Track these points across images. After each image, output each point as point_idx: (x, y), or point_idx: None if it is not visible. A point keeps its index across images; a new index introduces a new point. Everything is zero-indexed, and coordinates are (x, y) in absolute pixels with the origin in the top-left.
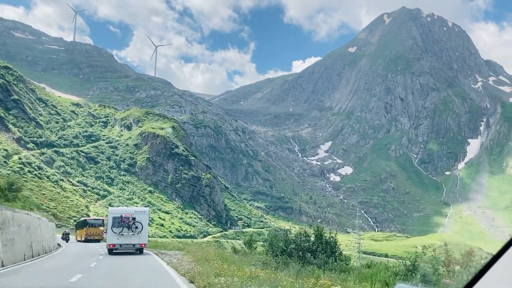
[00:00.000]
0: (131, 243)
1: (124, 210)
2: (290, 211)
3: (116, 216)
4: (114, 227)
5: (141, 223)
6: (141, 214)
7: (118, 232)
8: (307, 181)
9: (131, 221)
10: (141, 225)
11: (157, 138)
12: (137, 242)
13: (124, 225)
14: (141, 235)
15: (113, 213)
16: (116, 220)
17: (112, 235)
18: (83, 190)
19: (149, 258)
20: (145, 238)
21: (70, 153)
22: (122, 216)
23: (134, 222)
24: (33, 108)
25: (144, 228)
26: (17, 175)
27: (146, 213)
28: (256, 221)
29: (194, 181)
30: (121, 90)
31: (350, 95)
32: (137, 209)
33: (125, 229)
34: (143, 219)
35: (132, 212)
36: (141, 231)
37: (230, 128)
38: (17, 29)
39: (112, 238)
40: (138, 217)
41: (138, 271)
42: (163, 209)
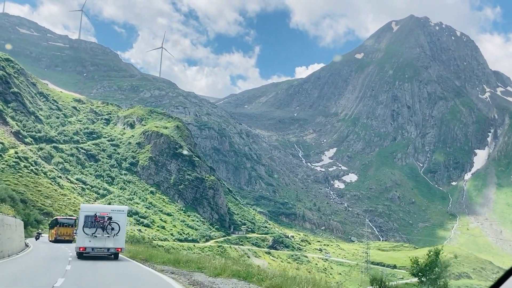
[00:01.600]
0: (105, 247)
1: (98, 208)
2: (293, 217)
3: (89, 214)
4: (86, 227)
5: (118, 223)
6: (119, 214)
7: (91, 233)
8: (311, 187)
9: (107, 221)
10: (118, 226)
11: (161, 137)
12: (112, 246)
13: (98, 226)
14: (117, 238)
15: (86, 211)
16: (88, 219)
17: (83, 237)
18: (81, 188)
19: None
20: (122, 241)
21: (69, 150)
22: (96, 215)
23: (110, 223)
24: (33, 102)
25: (121, 229)
26: (12, 170)
27: (125, 213)
28: (260, 227)
29: (198, 183)
30: (125, 89)
31: (356, 101)
32: (114, 208)
33: (99, 230)
34: (120, 219)
35: (108, 211)
36: (118, 233)
37: (234, 131)
38: (23, 25)
39: (83, 240)
40: (115, 216)
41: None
42: (164, 211)
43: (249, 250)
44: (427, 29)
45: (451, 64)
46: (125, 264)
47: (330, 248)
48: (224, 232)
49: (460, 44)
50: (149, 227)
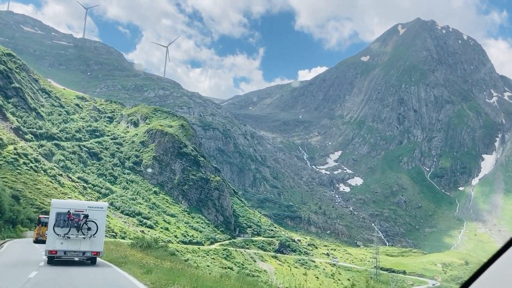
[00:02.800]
0: (80, 250)
1: (73, 204)
2: (298, 220)
3: (61, 211)
4: (57, 226)
5: (95, 222)
6: (97, 211)
7: (63, 234)
8: (315, 190)
9: (82, 219)
10: (95, 226)
11: (165, 136)
12: (88, 248)
13: (72, 225)
14: (94, 239)
15: (57, 207)
16: (60, 217)
17: (54, 238)
18: (83, 187)
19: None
20: (100, 244)
21: (71, 147)
22: (69, 212)
23: (87, 221)
24: (34, 98)
25: (99, 229)
26: (11, 166)
27: (104, 210)
28: (266, 230)
29: (202, 183)
30: (129, 89)
31: (362, 104)
32: (92, 204)
33: (73, 230)
34: (99, 217)
35: (84, 208)
36: (96, 234)
37: (238, 132)
38: (27, 23)
39: (54, 241)
40: (92, 214)
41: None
42: (168, 212)
43: (255, 254)
44: (434, 32)
45: (458, 68)
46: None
47: (337, 253)
48: (229, 234)
49: (467, 48)
50: (152, 228)
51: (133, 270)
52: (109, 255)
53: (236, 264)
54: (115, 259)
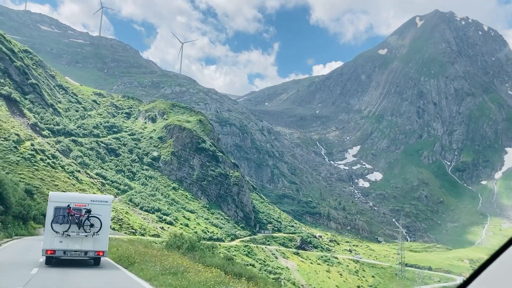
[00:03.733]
0: (82, 249)
1: (73, 197)
2: (317, 216)
3: (60, 205)
4: (56, 223)
5: (99, 218)
6: (101, 205)
7: (62, 231)
8: (334, 186)
9: (84, 214)
10: (99, 222)
11: (183, 131)
12: (91, 248)
13: (72, 221)
14: (98, 237)
15: (56, 201)
16: (59, 212)
17: (52, 236)
18: (101, 183)
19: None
20: (104, 242)
21: (89, 143)
22: (70, 207)
23: (89, 217)
24: (51, 94)
25: (103, 226)
26: (28, 163)
27: (109, 204)
28: (287, 226)
29: (221, 179)
30: (145, 86)
31: (380, 98)
32: (95, 197)
33: (73, 227)
34: (103, 212)
35: (86, 201)
36: (99, 231)
37: (255, 127)
38: (44, 22)
39: (52, 240)
40: (95, 209)
41: None
42: (187, 208)
43: (276, 251)
44: (453, 24)
45: (478, 60)
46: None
47: (360, 249)
48: (249, 231)
49: (488, 39)
50: (172, 225)
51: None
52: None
53: (257, 261)
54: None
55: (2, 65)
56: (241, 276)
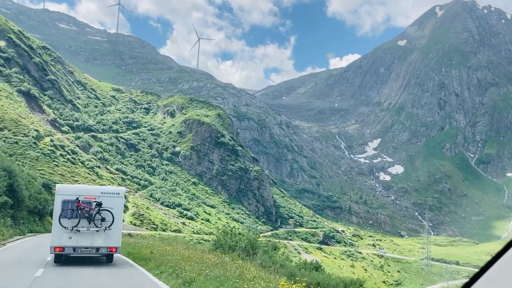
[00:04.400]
0: (92, 246)
1: (82, 189)
2: (338, 211)
3: (68, 199)
4: (64, 217)
5: (111, 212)
6: (112, 197)
7: (71, 226)
8: (355, 179)
9: (95, 208)
10: (111, 216)
11: (202, 126)
12: (102, 244)
13: (82, 215)
14: (110, 232)
15: (63, 194)
16: (68, 206)
17: (60, 232)
18: (121, 178)
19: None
20: (117, 237)
21: (108, 139)
22: (78, 200)
23: (100, 211)
24: (70, 90)
25: (116, 220)
26: (47, 158)
27: (121, 196)
28: (309, 220)
29: (241, 173)
30: (163, 82)
31: (400, 90)
32: (106, 189)
33: (83, 222)
34: (115, 205)
35: (96, 194)
36: (111, 225)
37: (274, 122)
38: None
39: (60, 236)
40: (106, 201)
41: None
42: (208, 203)
43: (299, 246)
44: (475, 12)
45: (502, 49)
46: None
47: (384, 244)
48: (271, 226)
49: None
50: (193, 220)
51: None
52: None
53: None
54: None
55: (21, 62)
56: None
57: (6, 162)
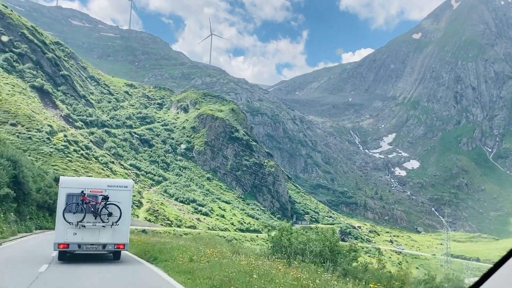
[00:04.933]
0: (99, 242)
1: (88, 182)
2: (354, 206)
3: (72, 192)
4: (68, 212)
5: (118, 206)
6: (120, 191)
7: (76, 221)
8: (370, 175)
9: (101, 202)
10: (118, 210)
11: (216, 121)
12: (110, 240)
13: (87, 210)
14: (117, 228)
15: (68, 187)
16: (72, 200)
17: (65, 227)
18: (135, 174)
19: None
20: (125, 233)
21: (122, 134)
22: (84, 193)
23: (106, 205)
24: (83, 85)
25: (123, 215)
26: (61, 154)
27: (129, 190)
28: (325, 216)
29: (256, 169)
30: (176, 77)
31: (416, 84)
32: (113, 182)
33: (88, 217)
34: (122, 199)
35: (103, 187)
36: (119, 220)
37: (287, 117)
38: (75, 17)
39: (64, 232)
40: (113, 195)
41: None
42: (222, 198)
43: None
44: (491, 4)
45: None
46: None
47: (401, 240)
48: (286, 222)
49: None
50: (207, 216)
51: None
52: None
53: None
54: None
55: (34, 57)
56: None
57: (11, 151)
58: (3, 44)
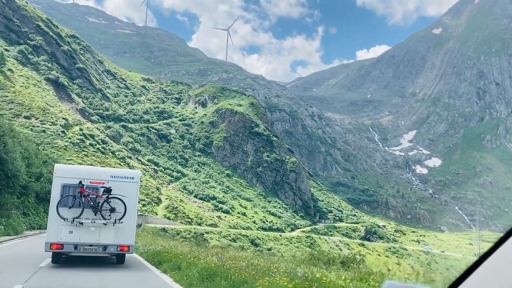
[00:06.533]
0: (99, 243)
1: (87, 171)
2: (375, 205)
3: (69, 183)
4: (63, 206)
5: (122, 201)
6: (125, 182)
7: (72, 217)
8: (390, 173)
9: (102, 195)
10: (122, 206)
11: (235, 115)
12: (112, 241)
13: (86, 204)
14: (121, 226)
15: (64, 176)
16: (68, 192)
17: (58, 224)
18: (153, 170)
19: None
20: (130, 233)
21: (139, 129)
22: (82, 185)
23: (109, 198)
24: (100, 79)
25: (129, 211)
26: (76, 148)
27: (136, 182)
28: (348, 215)
29: (277, 165)
30: (192, 74)
31: (436, 80)
32: (116, 172)
33: (87, 212)
34: (128, 192)
35: (105, 178)
36: (123, 217)
37: (306, 113)
38: (91, 14)
39: (59, 230)
40: (117, 187)
41: None
42: (243, 196)
43: (340, 242)
44: None
45: None
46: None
47: (428, 239)
48: (309, 220)
49: None
50: (228, 214)
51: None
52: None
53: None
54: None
55: (49, 49)
56: None
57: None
58: (17, 36)
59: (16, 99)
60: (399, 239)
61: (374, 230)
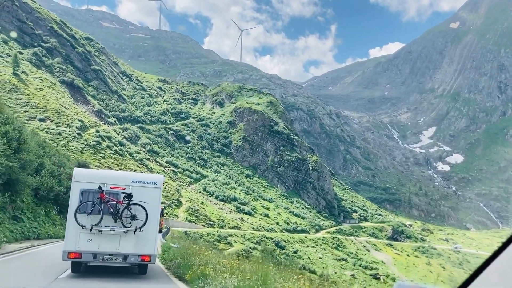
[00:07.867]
0: (119, 252)
1: (107, 176)
2: (398, 203)
3: (88, 188)
4: (82, 212)
5: (144, 208)
6: (147, 188)
7: (91, 224)
8: (411, 170)
9: (123, 201)
10: (144, 213)
11: (254, 114)
12: (132, 250)
13: (106, 211)
14: (143, 234)
15: (83, 181)
16: (88, 197)
17: (77, 231)
18: (173, 172)
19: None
20: (151, 242)
21: (157, 131)
22: (102, 190)
23: (129, 205)
24: (115, 81)
25: (150, 219)
26: (93, 150)
27: (158, 187)
28: (374, 214)
29: (298, 164)
30: (207, 75)
31: (455, 74)
32: (138, 177)
33: (107, 219)
34: (149, 198)
35: (126, 183)
36: (144, 225)
37: (323, 112)
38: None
39: (77, 238)
40: (138, 193)
41: None
42: (265, 197)
43: (367, 242)
44: None
45: None
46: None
47: (457, 238)
48: (334, 221)
49: None
50: (251, 215)
51: None
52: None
53: (349, 254)
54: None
55: (64, 51)
56: None
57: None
58: (31, 39)
59: (30, 101)
60: (426, 238)
61: (401, 230)
